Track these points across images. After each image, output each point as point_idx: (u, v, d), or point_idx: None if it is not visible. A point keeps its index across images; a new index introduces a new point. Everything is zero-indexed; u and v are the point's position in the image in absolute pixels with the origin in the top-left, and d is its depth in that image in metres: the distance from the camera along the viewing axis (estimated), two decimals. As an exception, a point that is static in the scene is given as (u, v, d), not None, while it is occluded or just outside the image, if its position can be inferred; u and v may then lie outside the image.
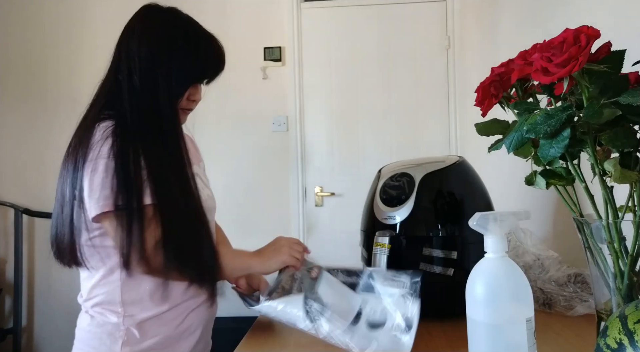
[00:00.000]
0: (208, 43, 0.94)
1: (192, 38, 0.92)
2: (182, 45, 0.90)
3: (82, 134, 0.86)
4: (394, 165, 1.05)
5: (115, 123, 0.84)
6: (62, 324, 2.77)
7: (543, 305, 0.95)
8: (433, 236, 0.92)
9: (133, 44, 0.89)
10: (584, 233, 0.66)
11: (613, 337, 0.48)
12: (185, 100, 0.94)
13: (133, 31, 0.91)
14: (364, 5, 2.84)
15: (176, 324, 0.90)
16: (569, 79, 0.59)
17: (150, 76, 0.87)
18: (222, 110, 2.85)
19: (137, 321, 0.87)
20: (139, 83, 0.87)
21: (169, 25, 0.91)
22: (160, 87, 0.87)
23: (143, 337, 0.87)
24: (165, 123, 0.87)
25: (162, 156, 0.85)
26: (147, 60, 0.87)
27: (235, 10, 2.86)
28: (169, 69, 0.88)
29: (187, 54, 0.90)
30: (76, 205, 0.84)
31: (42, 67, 2.88)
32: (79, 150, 0.84)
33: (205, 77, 0.96)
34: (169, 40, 0.89)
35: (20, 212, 2.74)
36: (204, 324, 0.96)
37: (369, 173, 1.17)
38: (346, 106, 2.84)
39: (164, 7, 0.94)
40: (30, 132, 2.84)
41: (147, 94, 0.87)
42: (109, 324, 0.87)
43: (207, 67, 0.94)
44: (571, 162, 0.65)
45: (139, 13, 0.93)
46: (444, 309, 0.93)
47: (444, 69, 2.80)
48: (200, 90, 0.98)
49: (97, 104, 0.90)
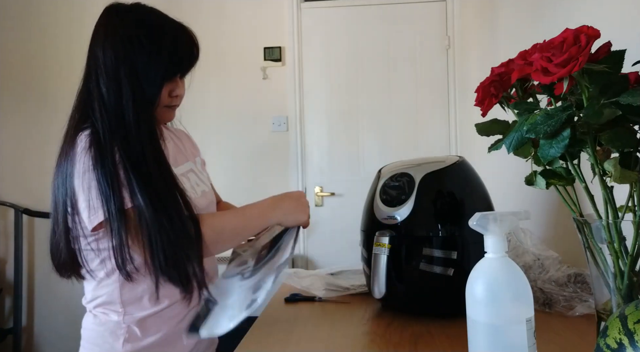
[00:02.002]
0: (174, 35, 0.89)
1: (156, 33, 0.87)
2: (145, 43, 0.86)
3: (67, 147, 0.85)
4: (394, 165, 1.05)
5: (91, 132, 0.83)
6: (62, 324, 2.78)
7: (543, 305, 0.95)
8: (433, 236, 0.92)
9: (98, 50, 0.86)
10: (584, 233, 0.66)
11: (613, 337, 0.48)
12: (166, 97, 0.91)
13: (97, 36, 0.88)
14: (364, 5, 2.84)
15: (177, 320, 0.91)
16: (569, 79, 0.59)
17: (115, 80, 0.84)
18: (222, 111, 2.85)
19: (137, 319, 0.88)
20: (105, 89, 0.84)
21: (130, 24, 0.87)
22: (123, 90, 0.84)
23: (144, 334, 0.89)
24: (132, 127, 0.83)
25: (136, 161, 0.81)
26: (111, 65, 0.85)
27: (235, 11, 2.86)
28: (133, 70, 0.85)
29: (152, 51, 0.86)
30: (70, 217, 0.84)
31: (42, 68, 2.88)
32: (67, 164, 0.84)
33: (179, 70, 0.92)
34: (130, 40, 0.85)
35: (20, 212, 2.74)
36: None
37: (369, 173, 1.17)
38: (346, 106, 2.85)
39: (126, 6, 0.90)
40: (30, 132, 2.84)
41: (111, 98, 0.84)
42: (111, 322, 0.89)
43: (177, 60, 0.90)
44: (571, 162, 0.65)
45: (101, 16, 0.90)
46: (444, 309, 0.93)
47: (444, 69, 2.80)
48: (181, 84, 0.95)
49: (74, 116, 0.88)
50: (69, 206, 0.83)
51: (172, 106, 0.95)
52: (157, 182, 0.82)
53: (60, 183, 0.85)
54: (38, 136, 2.83)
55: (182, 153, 1.04)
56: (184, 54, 0.91)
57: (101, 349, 0.89)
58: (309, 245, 2.84)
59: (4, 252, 2.86)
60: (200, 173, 1.06)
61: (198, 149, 1.15)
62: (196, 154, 1.10)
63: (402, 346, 0.80)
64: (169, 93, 0.91)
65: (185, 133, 1.14)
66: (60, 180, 0.85)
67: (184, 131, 1.14)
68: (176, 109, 0.98)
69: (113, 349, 0.88)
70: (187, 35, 0.91)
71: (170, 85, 0.91)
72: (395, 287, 0.94)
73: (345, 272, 1.32)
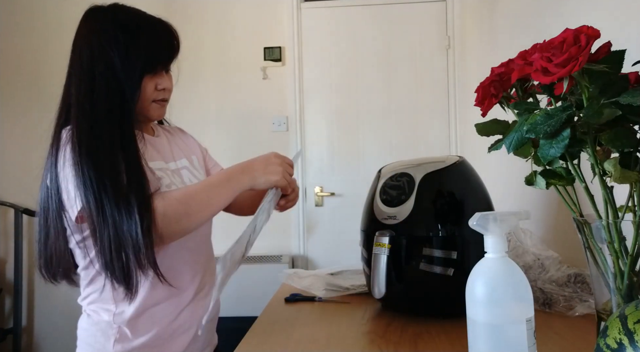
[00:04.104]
0: (151, 29, 0.89)
1: (132, 28, 0.87)
2: (121, 38, 0.86)
3: (52, 147, 0.86)
4: (394, 165, 1.05)
5: (70, 128, 0.83)
6: (62, 324, 2.78)
7: (543, 305, 0.95)
8: (433, 236, 0.92)
9: (76, 50, 0.87)
10: (584, 233, 0.66)
11: (613, 337, 0.48)
12: (152, 90, 0.91)
13: (77, 37, 0.89)
14: (364, 5, 2.84)
15: (168, 321, 0.91)
16: (569, 79, 0.59)
17: (89, 77, 0.84)
18: (222, 110, 2.85)
19: (127, 319, 0.88)
20: (81, 87, 0.84)
21: (106, 22, 0.87)
22: (96, 86, 0.84)
23: (135, 334, 0.88)
24: (101, 123, 0.82)
25: (95, 157, 0.79)
26: (87, 62, 0.85)
27: (236, 11, 2.86)
28: (109, 66, 0.84)
29: (129, 45, 0.86)
30: (63, 214, 0.84)
31: (43, 69, 2.88)
32: (51, 162, 0.84)
33: (158, 64, 0.91)
34: (107, 36, 0.86)
35: (20, 212, 2.74)
36: (198, 321, 0.95)
37: (369, 173, 1.17)
38: (346, 106, 2.85)
39: (104, 7, 0.91)
40: (30, 133, 2.84)
41: (86, 95, 0.84)
42: (102, 322, 0.88)
43: (155, 54, 0.89)
44: (571, 162, 0.65)
45: (81, 20, 0.91)
46: (444, 309, 0.93)
47: (444, 69, 2.80)
48: (167, 77, 0.94)
49: (60, 116, 0.89)
50: (58, 202, 0.83)
51: (160, 101, 0.94)
52: (115, 181, 0.79)
53: (48, 182, 0.84)
54: (38, 136, 2.81)
55: (176, 150, 1.04)
56: (163, 45, 0.90)
57: (93, 348, 0.89)
58: (309, 245, 2.84)
59: (4, 252, 2.86)
60: (196, 170, 1.04)
61: (197, 146, 1.13)
62: (192, 151, 1.09)
63: (402, 346, 0.80)
64: (155, 87, 0.91)
65: (182, 131, 1.13)
66: (48, 180, 0.85)
67: (180, 129, 1.13)
68: (166, 104, 0.97)
69: (104, 349, 0.88)
70: (164, 27, 0.91)
71: (155, 79, 0.91)
72: (395, 287, 0.94)
73: (345, 272, 1.32)
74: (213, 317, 1.02)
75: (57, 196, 0.83)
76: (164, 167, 0.95)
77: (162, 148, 1.00)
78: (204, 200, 0.83)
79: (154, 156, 0.95)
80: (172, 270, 0.89)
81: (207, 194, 0.84)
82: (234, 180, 0.87)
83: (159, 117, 0.97)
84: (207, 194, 0.84)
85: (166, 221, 0.79)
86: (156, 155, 0.96)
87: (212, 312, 1.00)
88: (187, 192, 0.83)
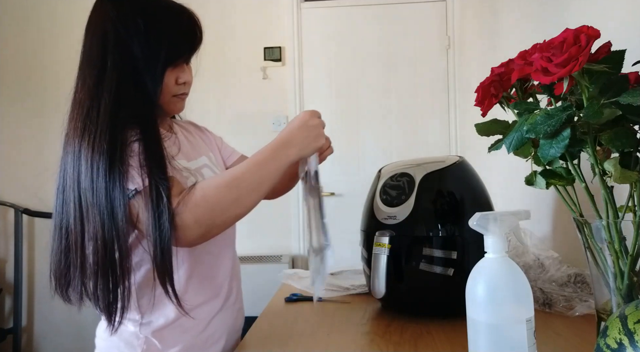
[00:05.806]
0: (173, 17, 0.81)
1: (154, 15, 0.80)
2: (142, 26, 0.78)
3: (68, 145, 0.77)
4: (394, 165, 1.05)
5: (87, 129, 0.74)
6: (62, 324, 2.77)
7: (543, 305, 0.95)
8: (433, 236, 0.92)
9: (86, 44, 0.80)
10: (584, 233, 0.66)
11: (613, 337, 0.48)
12: (173, 85, 0.84)
13: (89, 26, 0.81)
14: (364, 5, 2.84)
15: (198, 331, 0.84)
16: (569, 79, 0.59)
17: (100, 74, 0.76)
18: (222, 111, 2.85)
19: (154, 329, 0.81)
20: (92, 84, 0.76)
21: (124, 8, 0.79)
22: (105, 83, 0.75)
23: (164, 346, 0.81)
24: (97, 120, 0.74)
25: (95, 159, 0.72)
26: (97, 54, 0.77)
27: (236, 11, 2.86)
28: (126, 59, 0.77)
29: (150, 35, 0.78)
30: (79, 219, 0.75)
31: (42, 67, 2.88)
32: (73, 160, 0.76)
33: (181, 55, 0.83)
34: (125, 25, 0.78)
35: (20, 212, 2.74)
36: (228, 331, 0.90)
37: (369, 173, 1.17)
38: (346, 106, 2.85)
39: None
40: (30, 132, 2.84)
41: (96, 88, 0.76)
42: (127, 332, 0.81)
43: (178, 44, 0.82)
44: (571, 162, 0.65)
45: (94, 6, 0.82)
46: (444, 309, 0.93)
47: (444, 69, 2.80)
48: (187, 70, 0.87)
49: (72, 119, 0.78)
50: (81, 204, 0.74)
51: (180, 95, 0.87)
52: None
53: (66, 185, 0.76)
54: (38, 136, 2.83)
55: (195, 148, 0.96)
56: (187, 37, 0.83)
57: None
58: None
59: (4, 252, 2.86)
60: (216, 168, 0.96)
61: (212, 140, 1.05)
62: (211, 148, 1.02)
63: (402, 346, 0.80)
64: (175, 80, 0.84)
65: (195, 125, 1.05)
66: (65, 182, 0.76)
67: (192, 123, 1.05)
68: (185, 98, 0.89)
69: None
70: (186, 15, 0.84)
71: (176, 72, 0.83)
72: (395, 287, 0.94)
73: (345, 272, 1.32)
74: (238, 328, 0.96)
75: (79, 199, 0.74)
76: (187, 166, 0.88)
77: (182, 146, 0.91)
78: (255, 181, 0.76)
79: (176, 155, 0.86)
80: (199, 275, 0.85)
81: (256, 174, 0.76)
82: (280, 155, 0.78)
83: (179, 112, 0.91)
84: (256, 174, 0.76)
85: (213, 211, 0.72)
86: (179, 154, 0.88)
87: (237, 323, 0.95)
88: (234, 176, 0.75)
